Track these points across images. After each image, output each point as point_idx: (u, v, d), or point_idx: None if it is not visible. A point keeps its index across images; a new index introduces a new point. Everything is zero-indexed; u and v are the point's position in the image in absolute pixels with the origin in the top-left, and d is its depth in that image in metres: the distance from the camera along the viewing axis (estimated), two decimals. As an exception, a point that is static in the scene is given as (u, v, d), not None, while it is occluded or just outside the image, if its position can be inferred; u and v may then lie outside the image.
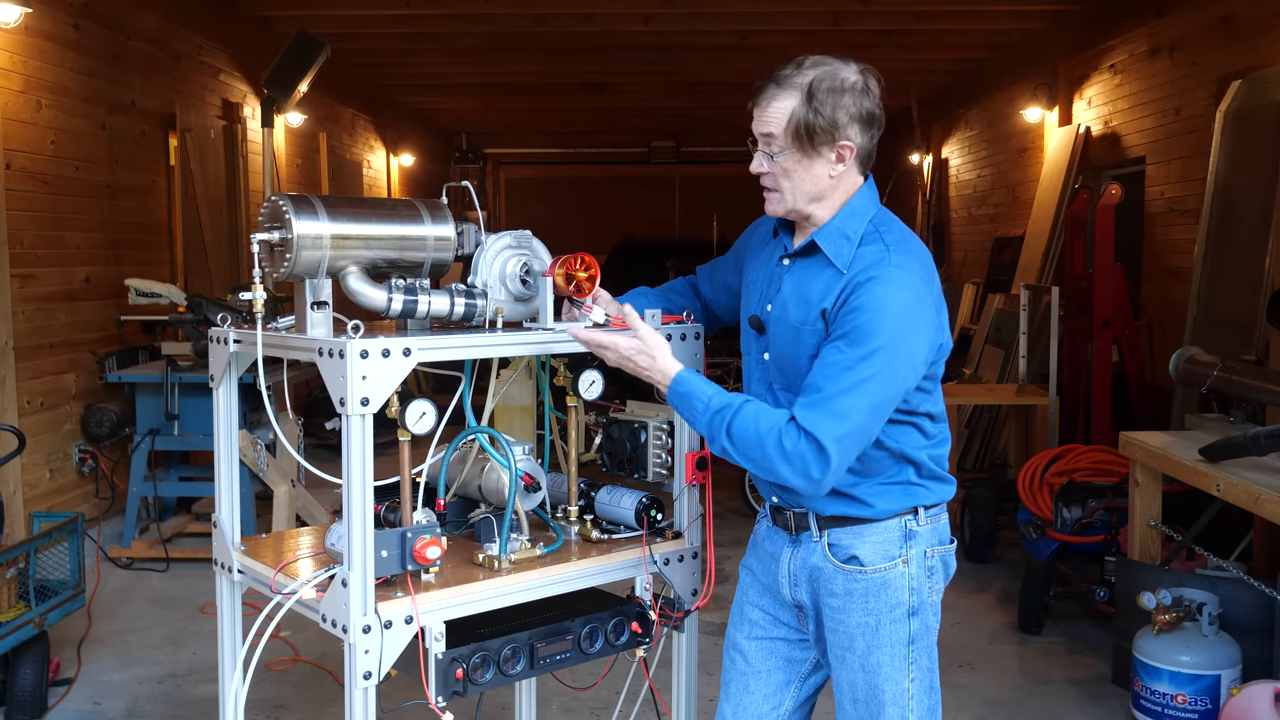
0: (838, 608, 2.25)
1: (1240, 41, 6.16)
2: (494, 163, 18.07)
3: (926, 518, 2.26)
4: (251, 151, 8.47)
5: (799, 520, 2.29)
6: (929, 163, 12.67)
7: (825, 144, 2.16)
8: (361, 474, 2.08)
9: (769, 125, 2.18)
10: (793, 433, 2.06)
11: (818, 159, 2.17)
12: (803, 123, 2.14)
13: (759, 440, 2.08)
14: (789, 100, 2.15)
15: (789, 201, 2.22)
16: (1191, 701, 3.74)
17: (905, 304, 2.09)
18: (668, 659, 2.64)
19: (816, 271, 2.21)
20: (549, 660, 2.35)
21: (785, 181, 2.20)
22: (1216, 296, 5.97)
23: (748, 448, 2.10)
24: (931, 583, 2.28)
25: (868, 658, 2.24)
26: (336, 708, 4.01)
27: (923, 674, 2.28)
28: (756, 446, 2.08)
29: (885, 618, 2.23)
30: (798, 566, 2.31)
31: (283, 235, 2.19)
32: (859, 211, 2.21)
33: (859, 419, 2.05)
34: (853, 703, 2.29)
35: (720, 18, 8.72)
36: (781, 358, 2.25)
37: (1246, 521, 4.29)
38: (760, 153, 2.23)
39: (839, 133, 2.15)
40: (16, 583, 3.93)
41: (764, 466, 2.10)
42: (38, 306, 5.70)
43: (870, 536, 2.23)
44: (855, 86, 2.15)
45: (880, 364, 2.05)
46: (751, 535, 2.48)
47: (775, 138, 2.18)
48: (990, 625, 5.00)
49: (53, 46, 5.86)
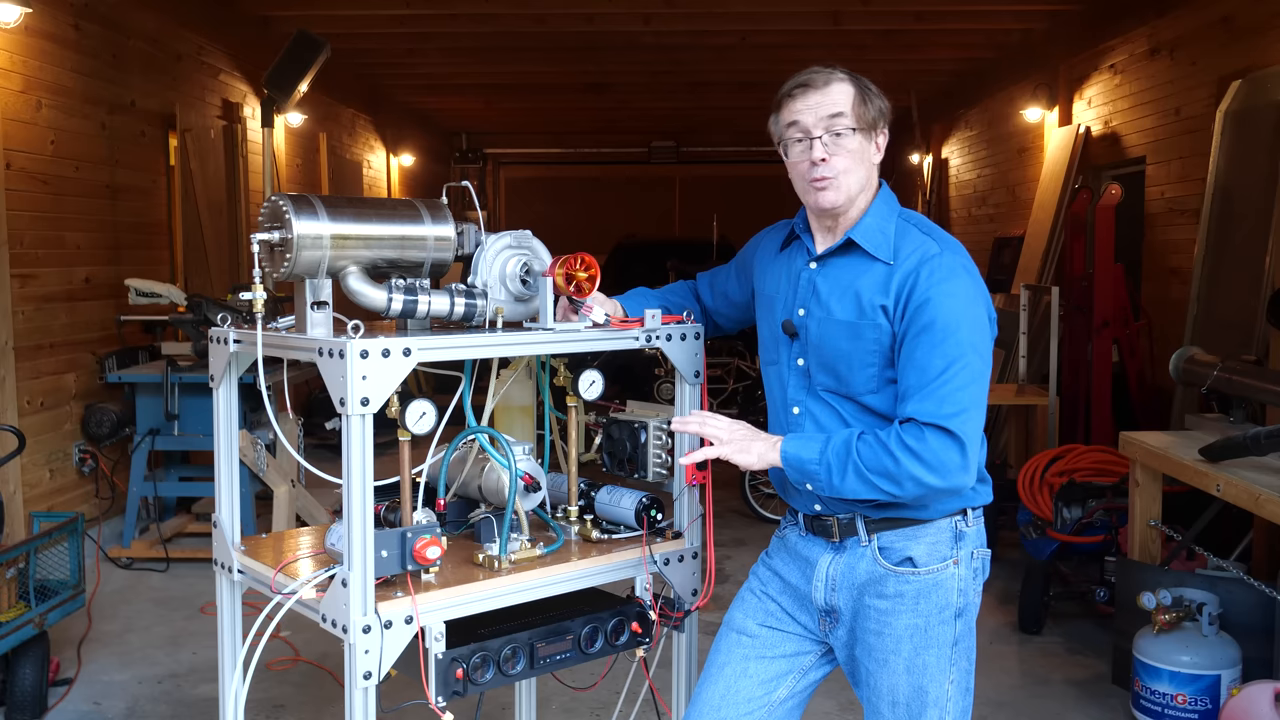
0: (886, 610, 2.24)
1: (1240, 41, 6.16)
2: (494, 163, 18.07)
3: (973, 518, 2.28)
4: (251, 151, 8.47)
5: (844, 527, 2.27)
6: (929, 163, 12.67)
7: (880, 132, 2.23)
8: (361, 474, 2.08)
9: (837, 105, 2.17)
10: (913, 430, 2.08)
11: (869, 146, 2.22)
12: (863, 101, 2.19)
13: (888, 453, 2.09)
14: (850, 86, 2.20)
15: (846, 188, 2.21)
16: (1191, 701, 3.74)
17: (970, 287, 2.15)
18: (668, 659, 2.64)
19: (859, 269, 2.22)
20: (549, 660, 2.35)
21: (847, 163, 2.19)
22: (1216, 296, 5.97)
23: (879, 465, 2.09)
24: (976, 584, 2.29)
25: (914, 659, 2.23)
26: (336, 708, 4.01)
27: (961, 676, 2.28)
28: (888, 458, 2.09)
29: (934, 619, 2.23)
30: (839, 571, 2.28)
31: (283, 235, 2.19)
32: (884, 211, 2.25)
33: (968, 399, 2.08)
34: (892, 706, 2.26)
35: (720, 18, 8.72)
36: (830, 358, 2.24)
37: (1246, 521, 4.30)
38: (824, 138, 2.18)
39: (883, 119, 2.22)
40: (16, 583, 3.93)
41: (902, 478, 2.09)
42: (38, 306, 5.70)
43: (924, 537, 2.23)
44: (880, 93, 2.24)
45: (969, 346, 2.10)
46: (777, 537, 2.46)
47: (844, 115, 2.18)
48: (990, 625, 5.00)
49: (53, 46, 5.86)
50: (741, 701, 2.34)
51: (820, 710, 4.02)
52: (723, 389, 8.36)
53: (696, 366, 2.54)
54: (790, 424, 2.33)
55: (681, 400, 2.55)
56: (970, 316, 2.12)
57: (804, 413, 2.30)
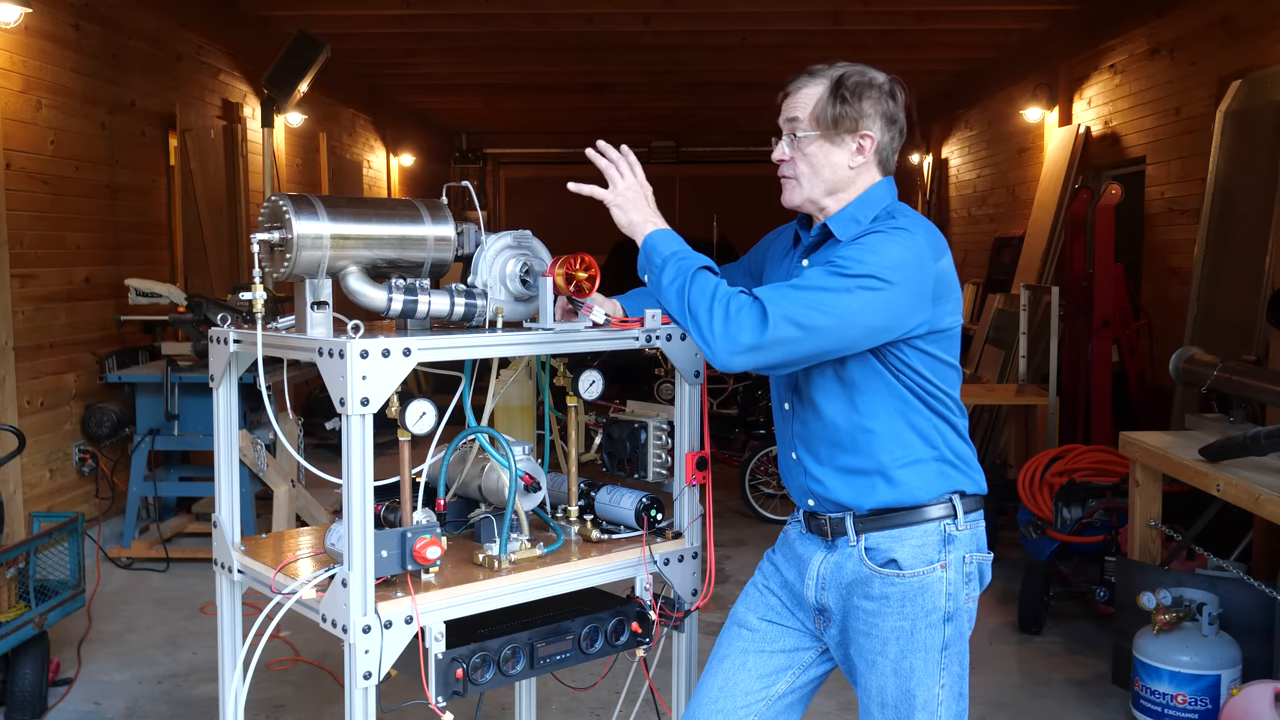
0: (873, 611, 2.23)
1: (1240, 41, 6.16)
2: (494, 163, 18.06)
3: (966, 522, 2.25)
4: (251, 151, 8.47)
5: (835, 526, 2.27)
6: (929, 163, 12.68)
7: (848, 131, 2.19)
8: (361, 474, 2.08)
9: (796, 109, 2.22)
10: (741, 298, 2.05)
11: (839, 146, 2.20)
12: (828, 106, 2.18)
13: (707, 302, 2.06)
14: (818, 87, 2.21)
15: (806, 190, 2.23)
16: (1191, 701, 3.74)
17: (897, 252, 2.08)
18: (668, 659, 2.64)
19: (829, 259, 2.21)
20: (549, 660, 2.35)
21: (804, 166, 2.22)
22: (1216, 296, 5.97)
23: (694, 302, 2.08)
24: (969, 589, 2.27)
25: (900, 662, 2.23)
26: (336, 708, 4.01)
27: (953, 680, 2.27)
28: (704, 303, 2.06)
29: (921, 622, 2.22)
30: (829, 570, 2.29)
31: (283, 235, 2.19)
32: (873, 201, 2.23)
33: (812, 315, 2.02)
34: (880, 707, 2.26)
35: (720, 18, 8.72)
36: None
37: (1246, 521, 4.30)
38: (784, 139, 2.24)
39: (862, 122, 2.19)
40: (16, 583, 3.93)
41: (697, 317, 2.07)
42: (38, 306, 5.70)
43: (909, 540, 2.22)
44: (882, 86, 2.22)
45: (853, 286, 2.04)
46: (781, 534, 2.47)
47: (800, 120, 2.22)
48: (990, 625, 5.00)
49: (53, 46, 5.86)
50: (739, 694, 2.34)
51: (820, 710, 4.02)
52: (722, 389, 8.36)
53: (696, 366, 2.54)
54: (783, 420, 2.35)
55: (681, 400, 2.55)
56: (877, 266, 2.04)
57: (792, 409, 2.31)
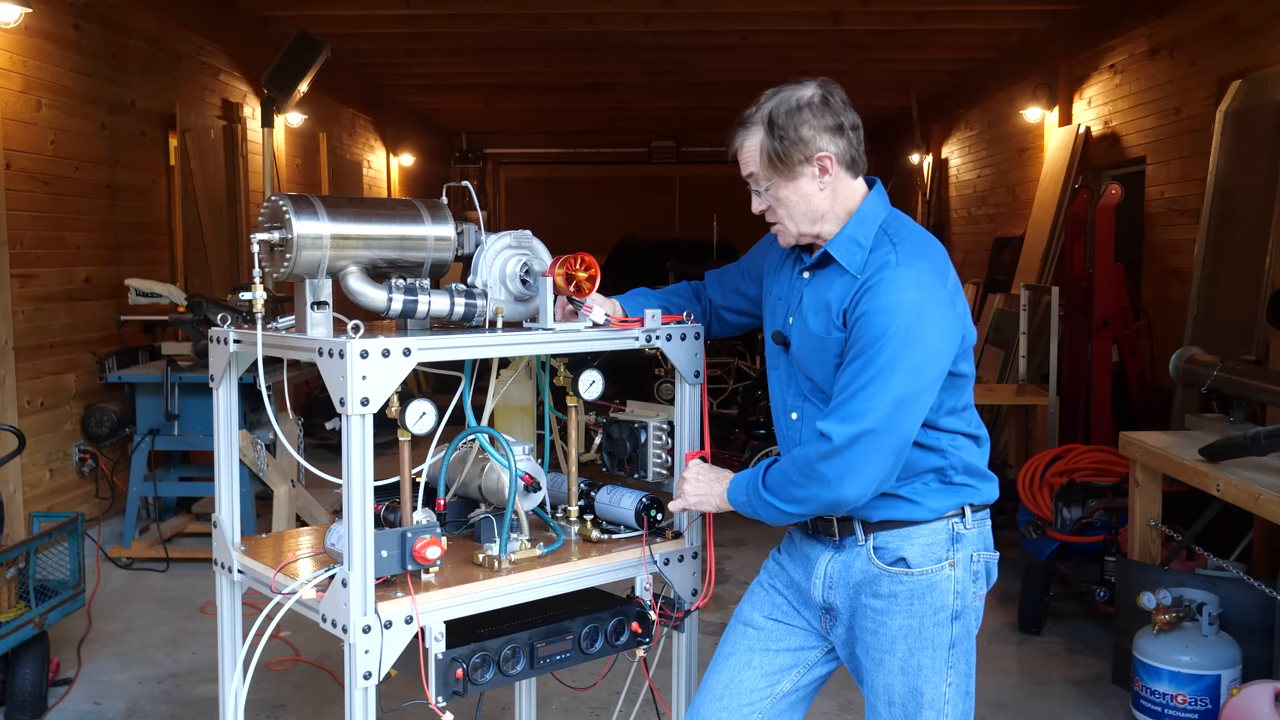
0: (881, 609, 2.25)
1: (1240, 41, 6.16)
2: (494, 163, 18.07)
3: (973, 521, 2.28)
4: (251, 151, 8.47)
5: (843, 526, 2.29)
6: (929, 163, 12.67)
7: (801, 162, 2.21)
8: (361, 474, 2.08)
9: (747, 165, 2.27)
10: (803, 451, 2.16)
11: (801, 178, 2.22)
12: (771, 150, 2.20)
13: (792, 470, 2.18)
14: (756, 136, 2.23)
15: (794, 229, 2.27)
16: (1191, 701, 3.74)
17: (914, 301, 2.11)
18: (668, 659, 2.64)
19: (833, 280, 2.24)
20: (549, 660, 2.35)
21: (783, 210, 2.26)
22: (1216, 296, 5.98)
23: (785, 487, 2.19)
24: (976, 588, 2.29)
25: (908, 660, 2.24)
26: (336, 708, 4.01)
27: (960, 679, 2.29)
28: (791, 476, 2.18)
29: (929, 620, 2.24)
30: (836, 570, 2.31)
31: (283, 235, 2.20)
32: (869, 217, 2.24)
33: (878, 418, 2.08)
34: (888, 705, 2.28)
35: (720, 18, 8.72)
36: (809, 367, 2.28)
37: (1246, 521, 4.30)
38: (754, 193, 2.29)
39: (809, 147, 2.20)
40: (16, 583, 3.93)
41: (801, 493, 2.17)
42: (38, 306, 5.70)
43: (918, 538, 2.24)
44: (812, 102, 2.20)
45: (894, 360, 2.08)
46: (786, 534, 2.48)
47: (756, 175, 2.26)
48: (990, 625, 5.00)
49: (53, 46, 5.86)
50: (744, 692, 2.36)
51: (820, 710, 4.02)
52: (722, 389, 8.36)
53: (696, 366, 2.54)
54: (789, 429, 2.36)
55: (681, 400, 2.55)
56: (903, 330, 2.09)
57: (801, 418, 2.33)
